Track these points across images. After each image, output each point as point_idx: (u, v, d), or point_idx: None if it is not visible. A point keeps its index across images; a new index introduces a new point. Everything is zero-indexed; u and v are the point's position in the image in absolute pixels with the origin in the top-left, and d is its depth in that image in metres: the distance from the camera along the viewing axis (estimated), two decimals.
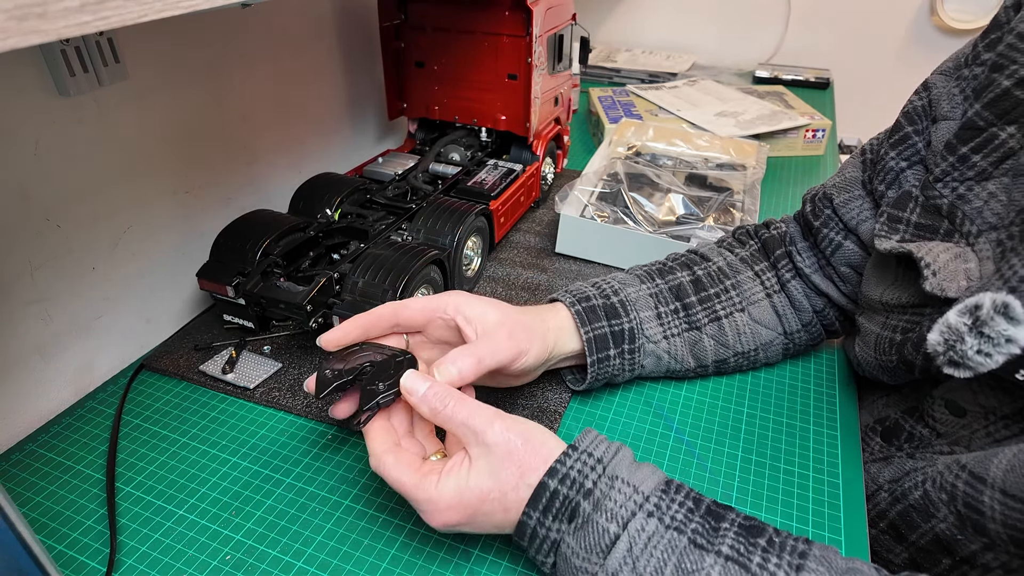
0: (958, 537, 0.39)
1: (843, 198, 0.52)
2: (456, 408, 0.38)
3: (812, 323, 0.55)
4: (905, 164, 0.47)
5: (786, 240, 0.56)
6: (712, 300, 0.53)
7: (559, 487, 0.36)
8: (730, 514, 0.36)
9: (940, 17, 1.29)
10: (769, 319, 0.54)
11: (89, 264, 0.54)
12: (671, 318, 0.52)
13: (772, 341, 0.54)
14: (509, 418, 0.38)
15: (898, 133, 0.48)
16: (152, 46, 0.55)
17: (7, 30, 0.18)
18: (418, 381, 0.39)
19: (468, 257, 0.65)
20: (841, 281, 0.53)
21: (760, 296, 0.54)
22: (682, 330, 0.52)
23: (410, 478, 0.37)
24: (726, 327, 0.52)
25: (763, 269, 0.55)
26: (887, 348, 0.46)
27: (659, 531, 0.34)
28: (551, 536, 0.36)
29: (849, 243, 0.52)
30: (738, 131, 0.96)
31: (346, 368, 0.41)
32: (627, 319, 0.50)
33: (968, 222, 0.41)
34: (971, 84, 0.44)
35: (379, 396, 0.40)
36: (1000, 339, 0.35)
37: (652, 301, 0.52)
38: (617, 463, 0.37)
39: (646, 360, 0.52)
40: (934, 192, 0.43)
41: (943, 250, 0.41)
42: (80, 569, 0.41)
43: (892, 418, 0.49)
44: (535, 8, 0.68)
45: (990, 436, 0.41)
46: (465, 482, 0.36)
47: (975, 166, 0.42)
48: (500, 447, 0.37)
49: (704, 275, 0.54)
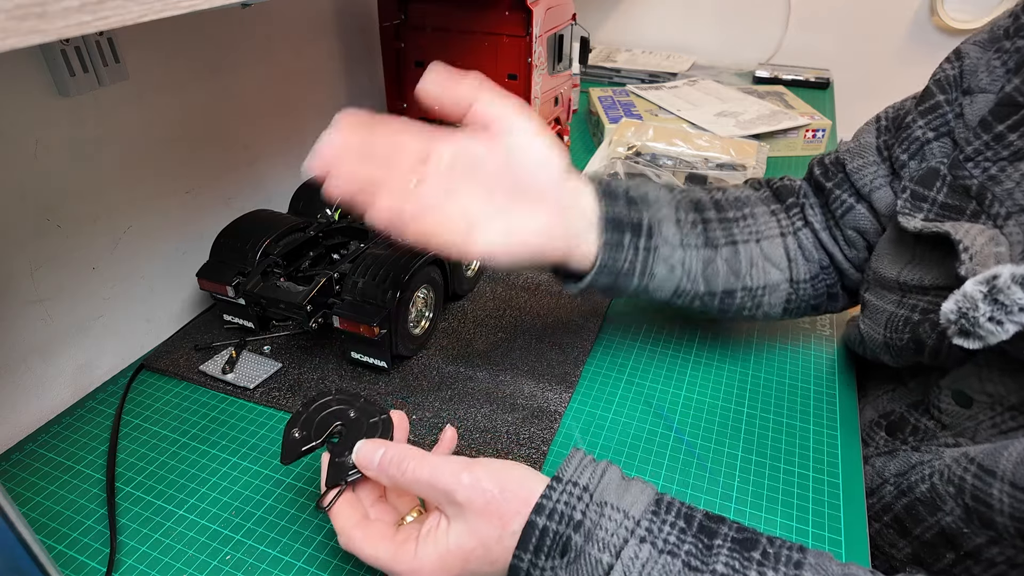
0: (964, 531, 0.39)
1: (856, 164, 0.51)
2: (417, 471, 0.35)
3: (818, 277, 0.53)
4: (932, 135, 0.45)
5: (799, 192, 0.55)
6: (730, 223, 0.50)
7: (548, 523, 0.34)
8: (723, 528, 0.35)
9: (940, 17, 1.29)
10: (780, 258, 0.52)
11: (89, 264, 0.54)
12: (689, 228, 0.49)
13: (778, 285, 0.52)
14: (478, 466, 0.35)
15: (928, 101, 0.46)
16: (152, 46, 0.55)
17: (7, 30, 0.18)
18: (371, 451, 0.37)
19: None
20: (847, 245, 0.52)
21: (775, 232, 0.52)
22: (699, 244, 0.49)
23: (385, 551, 0.35)
24: (741, 253, 0.50)
25: (777, 210, 0.54)
26: (900, 326, 0.45)
27: (653, 557, 0.33)
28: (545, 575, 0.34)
29: (861, 207, 0.50)
30: (738, 131, 0.96)
31: (315, 427, 0.39)
32: (647, 212, 0.46)
33: (997, 204, 0.40)
34: (1013, 57, 0.42)
35: (349, 472, 0.37)
36: (1014, 307, 0.35)
37: (673, 206, 0.49)
38: (604, 488, 0.35)
39: (658, 268, 0.47)
40: (964, 172, 0.42)
41: (978, 232, 0.39)
42: (80, 569, 0.41)
43: (897, 412, 0.49)
44: (535, 8, 0.68)
45: (996, 427, 0.41)
46: (445, 546, 0.34)
47: (1011, 145, 0.40)
48: (475, 502, 0.34)
49: (723, 199, 0.52)
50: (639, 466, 0.48)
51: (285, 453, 0.38)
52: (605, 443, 0.50)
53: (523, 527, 0.34)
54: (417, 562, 0.34)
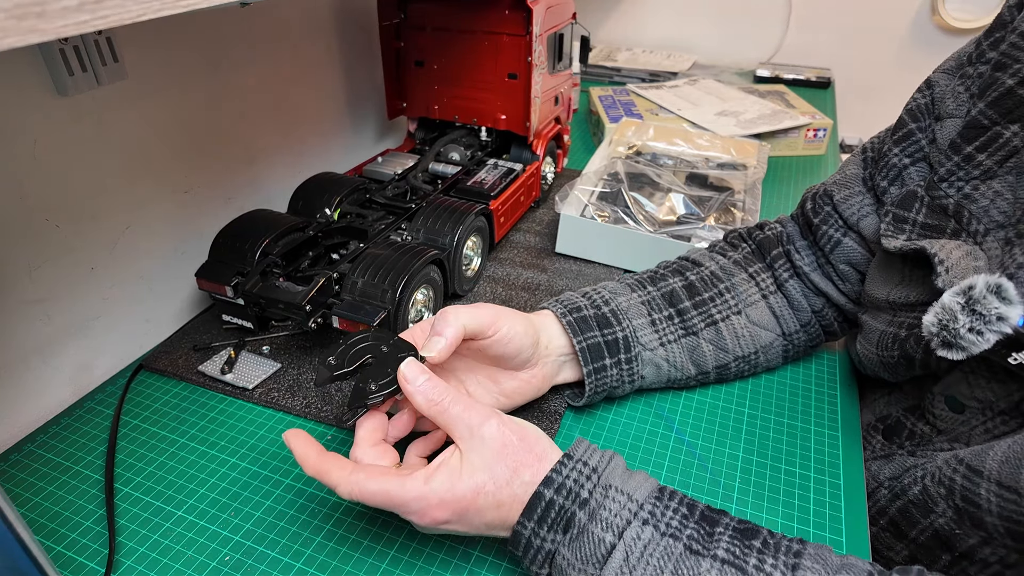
0: (956, 532, 0.39)
1: (843, 194, 0.52)
2: (453, 401, 0.38)
3: (811, 323, 0.55)
4: (908, 160, 0.47)
5: (783, 240, 0.56)
6: (707, 304, 0.52)
7: (555, 497, 0.36)
8: (724, 518, 0.36)
9: (941, 16, 1.29)
10: (767, 320, 0.53)
11: (88, 264, 0.53)
12: (666, 324, 0.51)
13: (771, 343, 0.54)
14: (505, 416, 0.38)
15: (901, 130, 0.48)
16: (151, 45, 0.55)
17: (6, 29, 0.18)
18: (417, 371, 0.39)
19: (468, 257, 0.65)
20: (840, 279, 0.53)
21: (756, 298, 0.53)
22: (679, 336, 0.51)
23: (392, 483, 0.35)
24: (723, 331, 0.52)
25: (758, 270, 0.55)
26: (890, 344, 0.46)
27: (655, 539, 0.34)
28: (546, 547, 0.36)
29: (849, 240, 0.52)
30: (739, 130, 0.96)
31: (348, 358, 0.42)
32: (620, 328, 0.50)
33: (975, 221, 0.41)
34: (976, 82, 0.44)
35: (369, 396, 0.39)
36: (991, 316, 0.35)
37: (645, 308, 0.51)
38: (610, 472, 0.37)
39: (645, 370, 0.51)
40: (939, 192, 0.43)
41: (955, 247, 0.41)
42: (79, 570, 0.40)
43: (894, 416, 0.49)
44: (535, 7, 0.68)
45: (988, 432, 0.41)
46: (458, 475, 0.36)
47: (980, 165, 0.42)
48: (495, 440, 0.36)
49: (697, 280, 0.53)
50: (639, 466, 0.48)
51: (319, 378, 0.41)
52: (605, 443, 0.50)
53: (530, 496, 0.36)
54: (427, 488, 0.35)
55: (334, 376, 0.41)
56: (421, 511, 0.35)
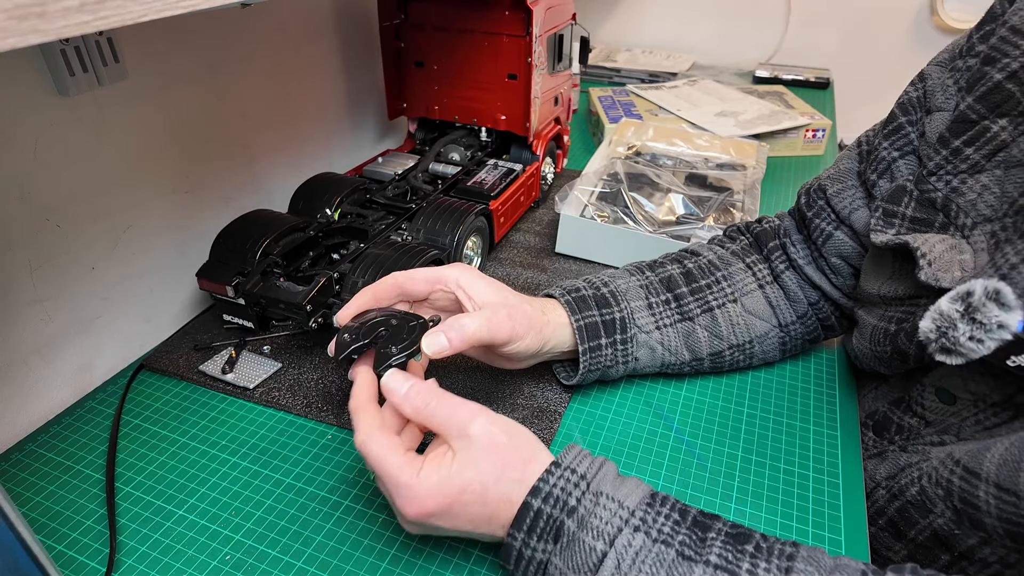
0: (955, 532, 0.39)
1: (836, 188, 0.52)
2: (439, 405, 0.38)
3: (807, 315, 0.55)
4: (897, 154, 0.47)
5: (780, 232, 0.56)
6: (704, 291, 0.53)
7: (542, 506, 0.35)
8: (716, 523, 0.35)
9: (940, 17, 1.29)
10: (762, 310, 0.53)
11: (89, 264, 0.54)
12: (662, 308, 0.52)
13: (767, 333, 0.54)
14: (493, 414, 0.38)
15: (892, 123, 0.49)
16: (152, 46, 0.55)
17: (7, 29, 0.18)
18: (400, 381, 0.39)
19: (468, 257, 0.65)
20: (832, 273, 0.53)
21: (752, 287, 0.54)
22: (674, 320, 0.52)
23: (394, 460, 0.36)
24: (719, 317, 0.52)
25: (755, 261, 0.55)
26: (881, 338, 0.46)
27: (646, 545, 0.34)
28: (537, 557, 0.35)
29: (840, 233, 0.52)
30: (738, 131, 0.96)
31: (363, 331, 0.42)
32: (618, 308, 0.50)
33: (963, 215, 0.42)
34: (964, 76, 0.44)
35: (392, 358, 0.40)
36: (992, 325, 0.35)
37: (643, 292, 0.52)
38: (601, 479, 0.37)
39: (640, 352, 0.51)
40: (928, 186, 0.44)
41: (938, 241, 0.41)
42: (80, 569, 0.41)
43: (881, 411, 0.49)
44: (535, 8, 0.68)
45: (980, 424, 0.41)
46: (447, 471, 0.36)
47: (968, 159, 0.42)
48: (483, 438, 0.36)
49: (695, 267, 0.54)
50: (639, 466, 0.48)
51: (337, 350, 0.42)
52: (605, 443, 0.50)
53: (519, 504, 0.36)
54: (417, 480, 0.36)
55: (351, 347, 0.42)
56: (406, 499, 0.36)
